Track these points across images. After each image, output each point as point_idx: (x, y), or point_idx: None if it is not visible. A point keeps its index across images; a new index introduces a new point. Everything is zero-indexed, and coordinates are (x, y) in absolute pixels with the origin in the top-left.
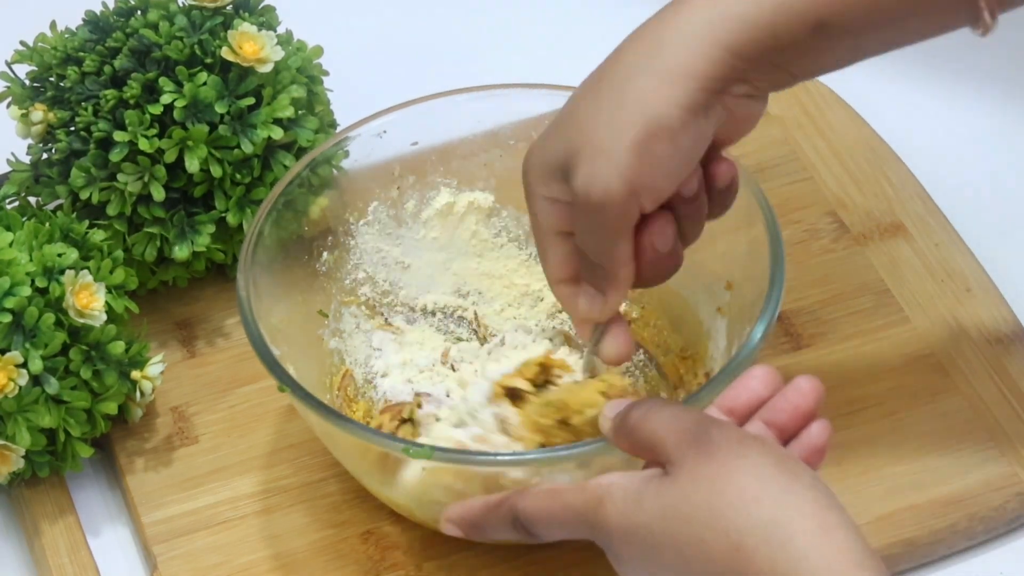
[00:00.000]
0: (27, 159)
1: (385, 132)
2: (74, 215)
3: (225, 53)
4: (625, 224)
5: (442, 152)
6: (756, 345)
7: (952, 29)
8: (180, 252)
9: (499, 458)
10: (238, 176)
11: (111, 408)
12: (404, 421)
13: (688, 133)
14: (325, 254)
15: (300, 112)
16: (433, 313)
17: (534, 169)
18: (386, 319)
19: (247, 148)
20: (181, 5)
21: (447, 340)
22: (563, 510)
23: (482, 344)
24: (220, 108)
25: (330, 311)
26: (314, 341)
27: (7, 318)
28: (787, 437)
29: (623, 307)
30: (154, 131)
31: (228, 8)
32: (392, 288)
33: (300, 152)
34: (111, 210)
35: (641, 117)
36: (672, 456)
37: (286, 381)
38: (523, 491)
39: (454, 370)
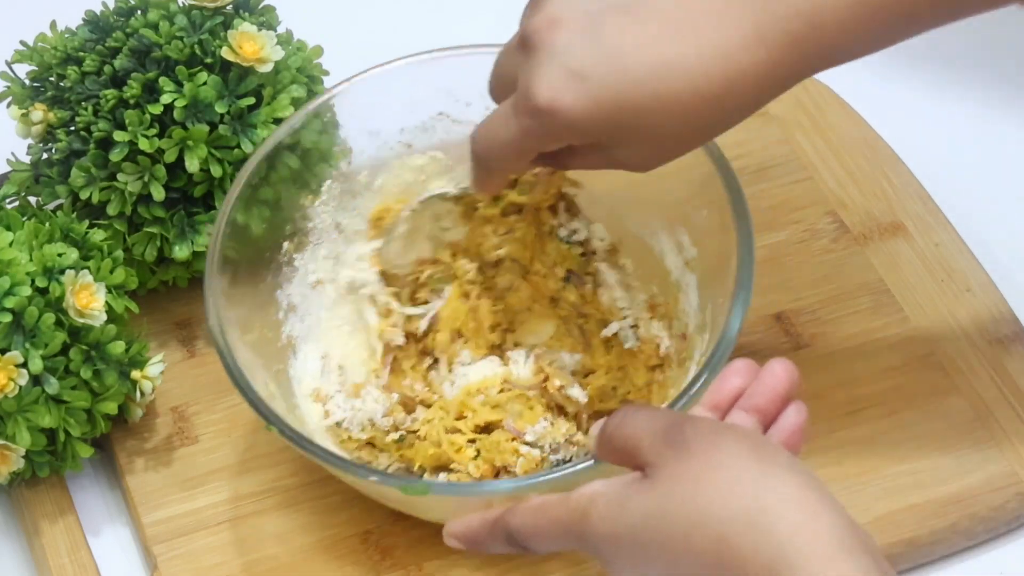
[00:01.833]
0: (27, 159)
1: (334, 107)
2: (74, 215)
3: (225, 53)
4: None
5: (396, 123)
6: (733, 338)
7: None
8: (180, 252)
9: (498, 488)
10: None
11: (111, 408)
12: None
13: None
14: (285, 244)
15: None
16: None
17: (572, 130)
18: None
19: (247, 148)
20: (181, 5)
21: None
22: (550, 524)
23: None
24: (220, 108)
25: (297, 300)
26: (283, 343)
27: (7, 318)
28: (768, 420)
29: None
30: (154, 131)
31: (228, 8)
32: (354, 261)
33: (301, 152)
34: (111, 210)
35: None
36: (649, 458)
37: (273, 421)
38: (513, 508)
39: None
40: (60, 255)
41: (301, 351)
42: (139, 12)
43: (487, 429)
